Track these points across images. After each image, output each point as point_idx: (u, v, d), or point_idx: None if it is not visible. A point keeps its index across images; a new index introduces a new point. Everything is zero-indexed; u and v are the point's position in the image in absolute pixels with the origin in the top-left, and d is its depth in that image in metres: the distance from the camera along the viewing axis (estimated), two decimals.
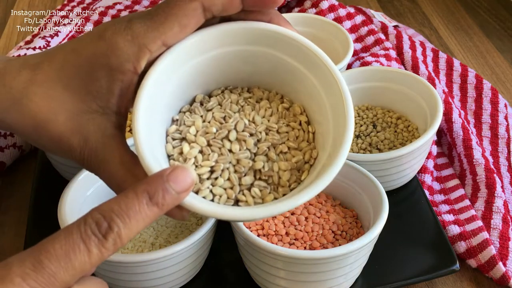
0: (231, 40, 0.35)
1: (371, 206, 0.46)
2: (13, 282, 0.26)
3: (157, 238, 0.47)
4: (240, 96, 0.37)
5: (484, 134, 0.62)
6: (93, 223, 0.27)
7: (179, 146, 0.34)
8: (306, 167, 0.34)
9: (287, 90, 0.37)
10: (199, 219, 0.49)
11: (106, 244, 0.27)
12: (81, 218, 0.28)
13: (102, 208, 0.28)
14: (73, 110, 0.33)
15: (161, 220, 0.48)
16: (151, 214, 0.28)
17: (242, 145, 0.34)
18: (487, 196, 0.54)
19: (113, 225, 0.27)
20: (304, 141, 0.35)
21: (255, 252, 0.42)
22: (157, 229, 0.48)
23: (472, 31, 0.81)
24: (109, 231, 0.27)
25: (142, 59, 0.32)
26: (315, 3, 0.71)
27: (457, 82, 0.68)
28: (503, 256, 0.49)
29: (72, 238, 0.27)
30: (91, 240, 0.27)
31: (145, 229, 0.47)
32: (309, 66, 0.35)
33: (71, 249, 0.27)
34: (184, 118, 0.35)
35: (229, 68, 0.37)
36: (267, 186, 0.33)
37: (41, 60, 0.34)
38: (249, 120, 0.35)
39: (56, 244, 0.27)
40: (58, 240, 0.27)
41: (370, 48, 0.70)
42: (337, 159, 0.31)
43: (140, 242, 0.46)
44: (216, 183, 0.33)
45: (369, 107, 0.60)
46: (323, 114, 0.35)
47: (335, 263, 0.41)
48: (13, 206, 0.56)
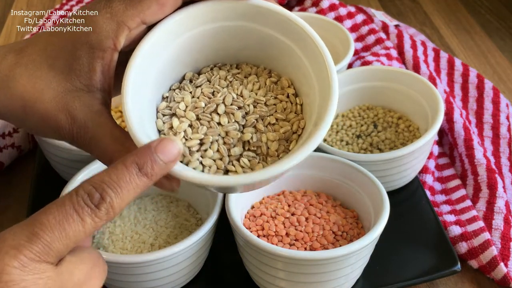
0: (218, 16, 0.36)
1: (372, 207, 0.46)
2: (8, 253, 0.26)
3: (157, 239, 0.46)
4: (229, 72, 0.38)
5: (485, 134, 0.62)
6: (85, 194, 0.28)
7: (169, 121, 0.35)
8: (294, 137, 0.35)
9: (274, 64, 0.38)
10: (199, 220, 0.49)
11: (99, 214, 0.28)
12: (72, 191, 0.28)
13: (93, 180, 0.28)
14: (58, 88, 0.34)
15: (160, 221, 0.48)
16: (141, 184, 0.29)
17: (231, 118, 0.35)
18: (489, 196, 0.54)
19: (105, 195, 0.28)
20: (292, 113, 0.36)
21: (255, 253, 0.42)
22: (157, 229, 0.47)
23: (473, 30, 0.81)
24: (102, 201, 0.28)
25: (121, 36, 0.33)
26: (315, 2, 0.71)
27: (459, 81, 0.68)
28: (505, 257, 0.49)
29: (65, 209, 0.27)
30: (84, 210, 0.28)
31: (145, 230, 0.47)
32: (294, 39, 0.36)
33: (64, 219, 0.27)
34: (173, 95, 0.36)
35: (217, 44, 0.38)
36: (256, 156, 0.34)
37: (26, 44, 0.35)
38: (237, 94, 0.36)
39: (49, 215, 0.27)
40: (50, 211, 0.27)
41: (371, 47, 0.69)
42: (322, 126, 0.32)
43: (140, 243, 0.46)
44: (205, 155, 0.34)
45: (370, 107, 0.59)
46: (309, 86, 0.36)
47: (336, 264, 0.41)
48: (11, 206, 0.56)
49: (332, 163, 0.49)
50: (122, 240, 0.47)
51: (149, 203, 0.50)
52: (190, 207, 0.50)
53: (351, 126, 0.58)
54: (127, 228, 0.48)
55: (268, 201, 0.49)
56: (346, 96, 0.59)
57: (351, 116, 0.59)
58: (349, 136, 0.57)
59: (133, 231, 0.47)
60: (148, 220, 0.48)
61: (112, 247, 0.46)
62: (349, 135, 0.57)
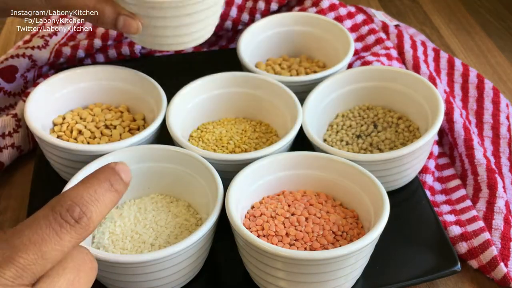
0: None
1: (372, 207, 0.46)
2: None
3: (157, 239, 0.46)
4: None
5: (485, 134, 0.62)
6: (64, 210, 0.27)
7: None
8: None
9: None
10: (199, 220, 0.49)
11: (78, 230, 0.28)
12: (45, 208, 0.28)
13: (70, 195, 0.28)
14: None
15: (160, 221, 0.48)
16: (114, 200, 0.30)
17: None
18: (489, 196, 0.54)
19: (86, 210, 0.28)
20: None
21: (255, 253, 0.42)
22: (157, 229, 0.47)
23: (473, 30, 0.81)
24: (83, 215, 0.28)
25: None
26: (315, 2, 0.70)
27: (459, 81, 0.68)
28: (505, 257, 0.49)
29: (41, 228, 0.27)
30: (63, 227, 0.27)
31: (145, 230, 0.47)
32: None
33: (40, 239, 0.26)
34: None
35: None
36: None
37: None
38: None
39: (23, 237, 0.26)
40: (24, 233, 0.27)
41: (371, 47, 0.69)
42: None
43: (140, 242, 0.46)
44: None
45: (370, 107, 0.59)
46: None
47: (336, 264, 0.41)
48: (11, 206, 0.56)
49: (332, 163, 0.49)
50: (122, 240, 0.47)
51: (149, 203, 0.50)
52: (190, 207, 0.50)
53: (351, 126, 0.58)
54: (127, 228, 0.47)
55: (268, 201, 0.49)
56: (346, 96, 0.59)
57: (351, 116, 0.59)
58: (349, 136, 0.57)
59: (133, 231, 0.47)
60: (148, 220, 0.48)
61: (112, 247, 0.46)
62: (349, 135, 0.57)
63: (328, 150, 0.51)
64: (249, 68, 0.60)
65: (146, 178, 0.50)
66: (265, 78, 0.57)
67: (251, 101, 0.58)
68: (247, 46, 0.64)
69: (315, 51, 0.67)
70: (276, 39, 0.67)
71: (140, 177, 0.50)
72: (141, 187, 0.51)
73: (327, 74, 0.58)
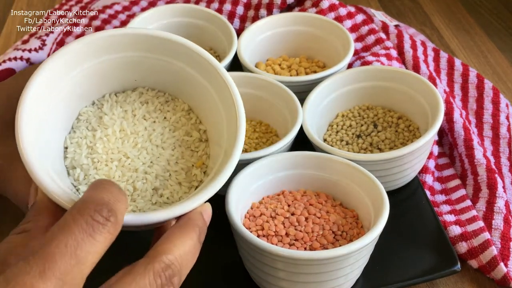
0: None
1: (371, 207, 0.46)
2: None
3: (152, 166, 0.39)
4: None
5: (485, 134, 0.62)
6: (93, 212, 0.28)
7: None
8: None
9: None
10: (203, 133, 0.46)
11: (110, 228, 0.28)
12: (73, 211, 0.28)
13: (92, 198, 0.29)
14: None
15: (156, 137, 0.42)
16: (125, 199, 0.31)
17: None
18: (489, 196, 0.54)
19: (111, 208, 0.29)
20: None
21: (255, 253, 0.42)
22: (151, 150, 0.41)
23: (473, 30, 0.81)
24: (110, 214, 0.28)
25: None
26: (315, 2, 0.70)
27: (458, 81, 0.68)
28: (505, 257, 0.49)
29: (74, 232, 0.27)
30: (95, 228, 0.27)
31: (136, 151, 0.39)
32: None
33: (76, 244, 0.26)
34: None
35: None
36: None
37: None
38: None
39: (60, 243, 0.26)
40: (58, 238, 0.26)
41: (370, 47, 0.69)
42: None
43: (131, 171, 0.40)
44: None
45: (370, 107, 0.59)
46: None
47: (336, 264, 0.41)
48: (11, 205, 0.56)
49: (332, 163, 0.49)
50: (107, 163, 0.38)
51: (137, 103, 0.40)
52: (191, 112, 0.42)
53: (351, 126, 0.58)
54: (112, 146, 0.39)
55: (268, 201, 0.49)
56: (346, 96, 0.59)
57: (351, 116, 0.59)
58: (349, 136, 0.57)
59: (120, 152, 0.39)
60: (139, 135, 0.40)
61: (93, 171, 0.38)
62: (349, 135, 0.57)
63: (328, 150, 0.51)
64: (249, 68, 0.60)
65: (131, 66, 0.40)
66: (265, 78, 0.57)
67: (251, 101, 0.58)
68: (247, 46, 0.64)
69: (315, 51, 0.67)
70: (276, 39, 0.67)
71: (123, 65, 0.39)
72: (125, 77, 0.40)
73: (327, 74, 0.58)
